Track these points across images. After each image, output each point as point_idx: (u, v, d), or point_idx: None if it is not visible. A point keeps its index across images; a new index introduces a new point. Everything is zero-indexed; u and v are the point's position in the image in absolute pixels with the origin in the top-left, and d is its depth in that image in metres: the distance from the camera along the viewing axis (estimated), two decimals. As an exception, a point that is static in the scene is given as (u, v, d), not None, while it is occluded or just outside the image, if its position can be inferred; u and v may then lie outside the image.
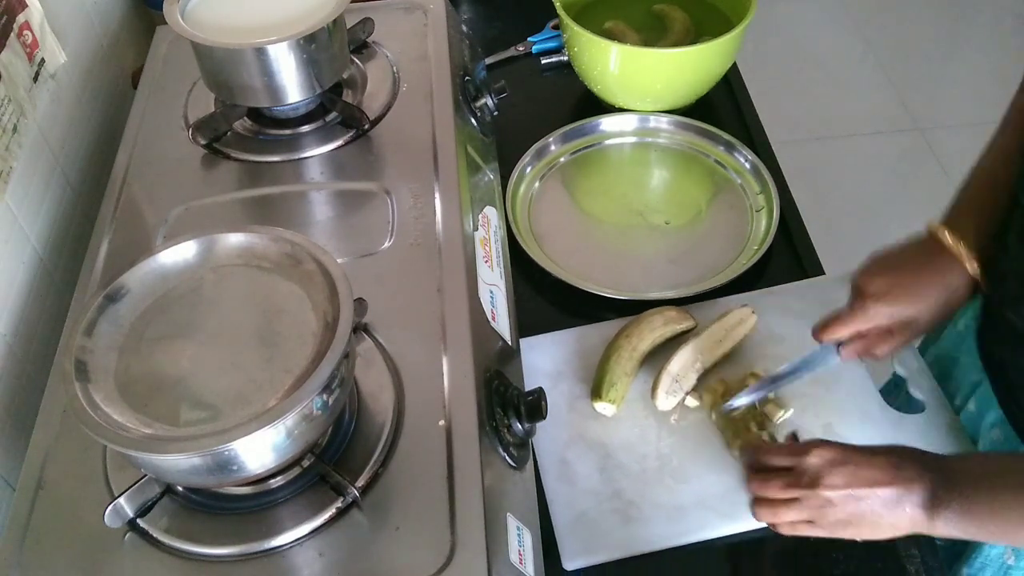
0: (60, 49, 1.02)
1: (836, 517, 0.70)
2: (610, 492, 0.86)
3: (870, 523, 0.70)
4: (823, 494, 0.70)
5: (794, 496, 0.72)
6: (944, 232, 0.82)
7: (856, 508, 0.69)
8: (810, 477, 0.71)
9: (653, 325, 0.95)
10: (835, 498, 0.69)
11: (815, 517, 0.71)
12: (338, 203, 0.94)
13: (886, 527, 0.70)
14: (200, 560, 0.67)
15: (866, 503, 0.69)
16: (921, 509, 0.68)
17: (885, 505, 0.69)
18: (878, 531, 0.70)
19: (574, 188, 1.18)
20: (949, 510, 0.67)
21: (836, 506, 0.70)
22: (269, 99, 0.95)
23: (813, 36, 2.96)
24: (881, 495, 0.69)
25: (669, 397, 0.91)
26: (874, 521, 0.69)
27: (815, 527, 0.72)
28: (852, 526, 0.70)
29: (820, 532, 0.72)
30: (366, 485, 0.69)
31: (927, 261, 0.82)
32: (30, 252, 0.93)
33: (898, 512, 0.68)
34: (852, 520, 0.70)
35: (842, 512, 0.70)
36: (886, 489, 0.69)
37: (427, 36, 1.10)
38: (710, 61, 1.20)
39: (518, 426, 0.77)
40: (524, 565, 0.70)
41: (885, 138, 2.62)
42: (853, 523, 0.70)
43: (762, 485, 0.74)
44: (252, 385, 0.63)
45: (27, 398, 0.87)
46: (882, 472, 0.69)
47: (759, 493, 0.74)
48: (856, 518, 0.70)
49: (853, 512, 0.69)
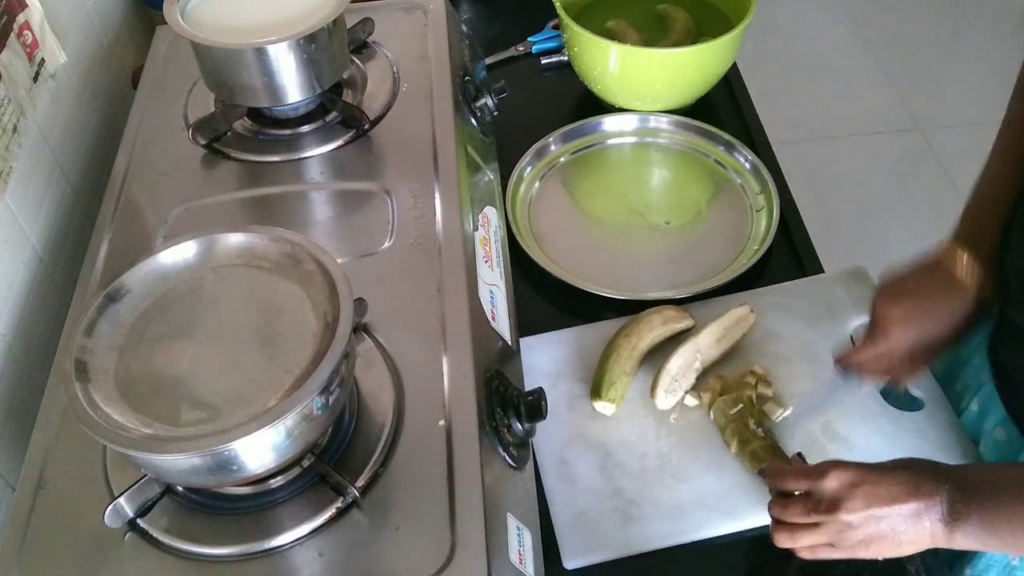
0: (60, 49, 1.02)
1: (857, 539, 0.69)
2: (610, 491, 0.86)
3: (891, 541, 0.69)
4: (843, 518, 0.69)
5: (814, 521, 0.71)
6: (955, 257, 0.82)
7: (876, 528, 0.69)
8: (829, 502, 0.70)
9: (652, 324, 0.95)
10: (855, 521, 0.69)
11: (835, 541, 0.70)
12: (338, 203, 0.94)
13: (907, 544, 0.69)
14: (200, 560, 0.67)
15: (886, 522, 0.68)
16: (941, 523, 0.67)
17: (906, 522, 0.68)
18: (899, 548, 0.69)
19: (574, 188, 1.18)
20: (969, 523, 0.67)
21: (856, 528, 0.69)
22: (269, 99, 0.95)
23: (813, 36, 2.96)
24: (901, 512, 0.68)
25: (668, 396, 0.91)
26: (895, 539, 0.69)
27: (835, 550, 0.71)
28: (873, 545, 0.70)
29: (841, 554, 0.71)
30: (366, 485, 0.69)
31: (943, 283, 0.82)
32: (30, 252, 0.93)
33: (919, 528, 0.68)
34: (873, 540, 0.69)
35: (862, 533, 0.69)
36: (905, 506, 0.68)
37: (427, 36, 1.10)
38: (710, 61, 1.20)
39: (518, 426, 0.77)
40: (524, 565, 0.70)
41: (885, 138, 2.62)
42: (874, 543, 0.69)
43: (783, 510, 0.74)
44: (252, 385, 0.63)
45: (27, 398, 0.87)
46: (900, 489, 0.68)
47: (780, 517, 0.74)
48: (877, 538, 0.69)
49: (874, 532, 0.69)
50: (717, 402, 0.90)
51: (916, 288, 0.83)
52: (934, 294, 0.82)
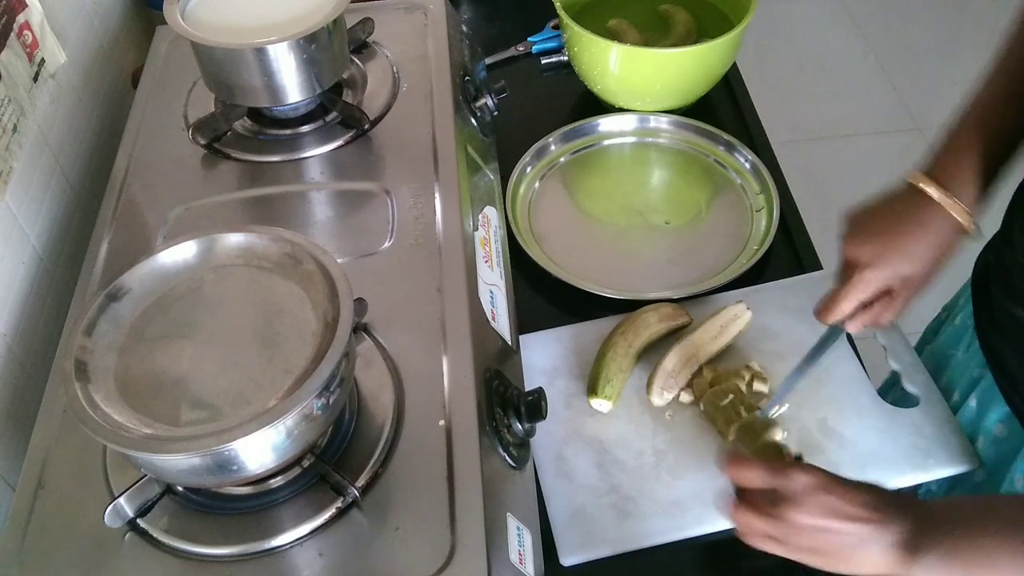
0: (60, 49, 1.02)
1: (804, 544, 0.67)
2: (607, 488, 0.86)
3: (838, 557, 0.67)
4: (795, 519, 0.66)
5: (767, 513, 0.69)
6: (931, 184, 0.79)
7: (825, 540, 0.66)
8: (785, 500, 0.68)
9: (648, 321, 0.96)
10: (806, 525, 0.66)
11: (783, 538, 0.68)
12: (338, 203, 0.94)
13: (855, 564, 0.66)
14: (200, 560, 0.67)
15: (835, 538, 0.66)
16: (897, 550, 0.65)
17: (854, 544, 0.66)
18: (846, 566, 0.67)
19: (574, 188, 1.18)
20: (933, 555, 0.64)
21: (805, 534, 0.67)
22: (269, 99, 0.95)
23: (813, 36, 2.96)
24: (852, 531, 0.66)
25: (665, 393, 0.91)
26: (842, 556, 0.66)
27: (781, 547, 0.69)
28: (820, 556, 0.67)
29: (786, 554, 0.69)
30: (366, 485, 0.69)
31: (915, 216, 0.80)
32: (30, 252, 0.93)
33: (868, 551, 0.65)
34: (819, 550, 0.67)
35: (810, 541, 0.67)
36: (858, 526, 0.65)
37: (427, 36, 1.10)
38: (710, 61, 1.20)
39: (518, 426, 0.77)
40: (524, 565, 0.70)
41: (885, 138, 2.62)
42: (820, 553, 0.67)
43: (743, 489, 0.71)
44: (252, 385, 0.63)
45: (27, 398, 0.87)
46: (859, 510, 0.66)
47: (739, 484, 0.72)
48: (824, 550, 0.67)
49: (822, 543, 0.67)
50: (707, 394, 0.90)
51: (886, 224, 0.80)
52: (909, 226, 0.79)
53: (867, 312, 0.82)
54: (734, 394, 0.89)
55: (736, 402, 0.89)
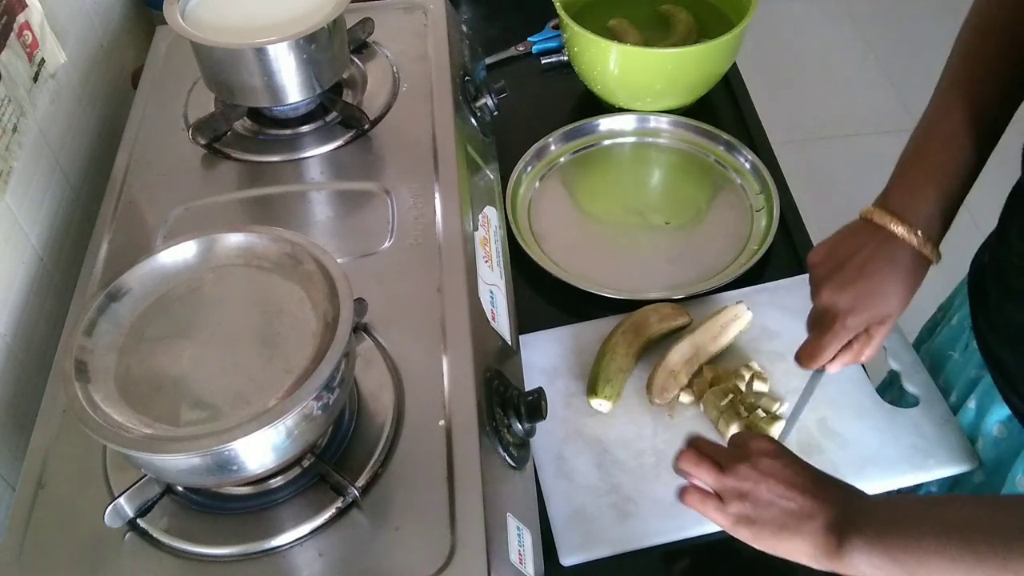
0: (60, 49, 1.02)
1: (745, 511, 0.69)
2: (607, 488, 0.86)
3: (770, 529, 0.68)
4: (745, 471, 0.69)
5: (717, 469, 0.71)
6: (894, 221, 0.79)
7: (765, 509, 0.68)
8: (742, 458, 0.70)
9: (649, 321, 0.96)
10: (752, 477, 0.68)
11: (725, 495, 0.70)
12: (338, 203, 0.94)
13: (783, 538, 0.67)
14: (200, 560, 0.67)
15: (775, 505, 0.67)
16: (827, 534, 0.65)
17: (788, 514, 0.67)
18: (775, 541, 0.68)
19: (574, 188, 1.18)
20: (864, 542, 0.64)
21: (745, 498, 0.68)
22: (269, 99, 0.95)
23: (813, 36, 2.96)
24: (792, 499, 0.67)
25: (665, 393, 0.91)
26: (774, 528, 0.67)
27: (720, 512, 0.70)
28: (755, 525, 0.68)
29: (722, 521, 0.70)
30: (366, 485, 0.69)
31: (884, 255, 0.80)
32: (30, 252, 0.93)
33: (800, 528, 0.66)
34: (755, 518, 0.68)
35: (753, 504, 0.68)
36: (799, 496, 0.67)
37: (427, 36, 1.10)
38: (710, 61, 1.20)
39: (518, 426, 0.77)
40: (524, 565, 0.70)
41: (885, 138, 2.61)
42: (756, 522, 0.68)
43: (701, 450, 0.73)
44: (252, 385, 0.63)
45: (27, 398, 0.87)
46: (805, 481, 0.68)
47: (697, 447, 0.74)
48: (760, 516, 0.68)
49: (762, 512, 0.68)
50: (707, 393, 0.90)
51: (859, 270, 0.80)
52: (880, 267, 0.79)
53: (847, 352, 0.83)
54: (734, 394, 0.90)
55: (736, 402, 0.89)
